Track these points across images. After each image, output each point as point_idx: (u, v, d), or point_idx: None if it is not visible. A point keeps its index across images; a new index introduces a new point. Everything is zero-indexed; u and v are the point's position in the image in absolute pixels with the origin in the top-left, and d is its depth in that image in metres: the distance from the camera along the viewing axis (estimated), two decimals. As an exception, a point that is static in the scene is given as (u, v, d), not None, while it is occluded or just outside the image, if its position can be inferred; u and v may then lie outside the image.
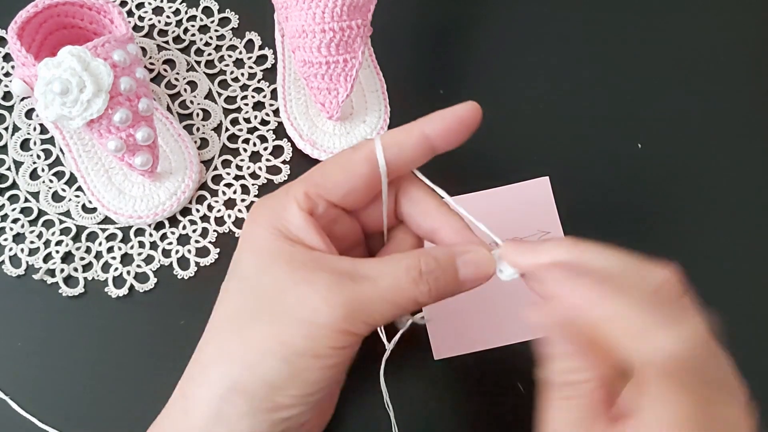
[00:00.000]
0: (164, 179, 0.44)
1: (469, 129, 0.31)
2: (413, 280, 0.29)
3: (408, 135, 0.31)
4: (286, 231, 0.30)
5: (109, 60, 0.39)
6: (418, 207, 0.32)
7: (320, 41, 0.41)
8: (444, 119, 0.31)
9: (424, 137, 0.30)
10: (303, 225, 0.30)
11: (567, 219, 0.44)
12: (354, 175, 0.31)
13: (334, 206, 0.31)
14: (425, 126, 0.31)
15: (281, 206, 0.30)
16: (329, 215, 0.31)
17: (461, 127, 0.31)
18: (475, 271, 0.30)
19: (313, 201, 0.30)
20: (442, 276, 0.29)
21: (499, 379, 0.41)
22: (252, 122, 0.47)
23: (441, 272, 0.29)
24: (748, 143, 0.47)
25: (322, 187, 0.31)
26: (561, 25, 0.50)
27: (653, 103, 0.49)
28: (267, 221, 0.30)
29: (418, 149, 0.31)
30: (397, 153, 0.30)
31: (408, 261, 0.29)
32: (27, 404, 0.41)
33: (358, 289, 0.28)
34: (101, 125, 0.40)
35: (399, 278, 0.29)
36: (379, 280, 0.29)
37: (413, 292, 0.29)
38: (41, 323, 0.42)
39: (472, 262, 0.30)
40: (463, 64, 0.49)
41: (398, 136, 0.31)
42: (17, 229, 0.44)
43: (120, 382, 0.41)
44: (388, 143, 0.30)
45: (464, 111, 0.31)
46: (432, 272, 0.29)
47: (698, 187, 0.46)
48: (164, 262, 0.44)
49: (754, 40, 0.51)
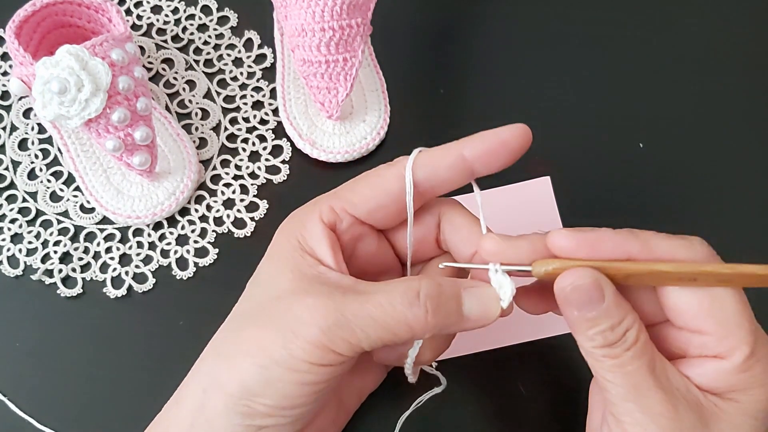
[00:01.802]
0: (163, 179, 0.44)
1: (513, 153, 0.29)
2: (408, 301, 0.27)
3: (444, 155, 0.29)
4: (304, 241, 0.29)
5: (107, 59, 0.39)
6: (461, 233, 0.31)
7: (320, 40, 0.41)
8: (485, 141, 0.29)
9: (462, 159, 0.29)
10: (319, 238, 0.29)
11: (568, 219, 0.44)
12: (382, 191, 0.30)
13: (362, 223, 0.30)
14: (464, 147, 0.29)
15: (306, 216, 0.30)
16: (354, 232, 0.30)
17: (504, 151, 0.29)
18: (480, 309, 0.29)
19: (336, 215, 0.30)
20: (442, 304, 0.28)
21: (499, 379, 0.41)
22: (251, 122, 0.47)
23: (442, 299, 0.28)
24: (750, 143, 0.47)
25: (348, 202, 0.30)
26: (561, 25, 0.50)
27: (655, 102, 0.48)
28: (290, 230, 0.30)
29: (454, 170, 0.29)
30: (430, 172, 0.29)
31: (408, 283, 0.28)
32: (25, 405, 0.41)
33: (346, 305, 0.27)
34: (99, 125, 0.39)
35: (392, 298, 0.27)
36: (372, 296, 0.27)
37: (405, 315, 0.27)
38: (39, 324, 0.42)
39: (480, 298, 0.29)
40: (464, 63, 0.49)
41: (435, 154, 0.29)
42: (15, 229, 0.44)
43: (118, 383, 0.41)
44: (422, 162, 0.29)
45: (509, 134, 0.29)
46: (432, 297, 0.27)
47: (700, 186, 0.46)
48: (163, 263, 0.44)
49: (755, 39, 0.50)
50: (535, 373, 0.41)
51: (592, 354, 0.28)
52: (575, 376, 0.41)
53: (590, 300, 0.27)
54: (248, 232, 0.45)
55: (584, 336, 0.27)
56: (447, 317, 0.28)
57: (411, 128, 0.47)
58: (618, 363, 0.27)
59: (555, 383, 0.41)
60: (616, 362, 0.27)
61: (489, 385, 0.41)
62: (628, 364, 0.27)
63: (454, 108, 0.48)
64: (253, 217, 0.45)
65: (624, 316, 0.27)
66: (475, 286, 0.29)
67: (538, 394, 0.41)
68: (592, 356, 0.28)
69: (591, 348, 0.27)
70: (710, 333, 0.27)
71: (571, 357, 0.41)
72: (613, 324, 0.27)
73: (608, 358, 0.27)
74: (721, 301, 0.27)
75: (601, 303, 0.27)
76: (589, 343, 0.27)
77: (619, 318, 0.27)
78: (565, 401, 0.40)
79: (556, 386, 0.41)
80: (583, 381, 0.35)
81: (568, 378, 0.41)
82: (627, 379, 0.27)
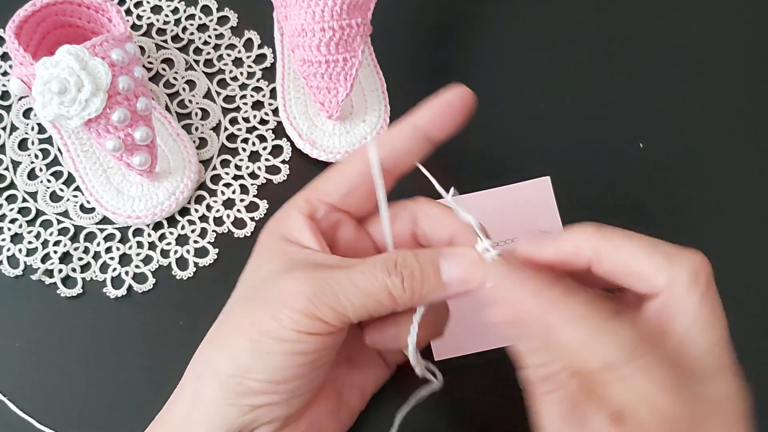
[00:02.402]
0: (163, 179, 0.44)
1: (461, 113, 0.31)
2: (387, 269, 0.28)
3: (399, 129, 0.31)
4: (287, 234, 0.31)
5: (107, 59, 0.39)
6: (436, 221, 0.32)
7: (320, 40, 0.41)
8: (433, 107, 0.31)
9: (415, 128, 0.31)
10: (300, 227, 0.31)
11: (568, 219, 0.44)
12: (350, 174, 0.31)
13: (337, 210, 0.32)
14: (415, 117, 0.31)
15: (284, 214, 0.32)
16: (331, 219, 0.32)
17: (453, 112, 0.31)
18: (459, 271, 0.29)
19: (312, 205, 0.31)
20: (419, 271, 0.29)
21: (499, 379, 0.41)
22: (251, 122, 0.47)
23: (418, 267, 0.29)
24: (750, 143, 0.47)
25: (321, 191, 0.32)
26: (562, 24, 0.50)
27: (655, 102, 0.48)
28: (271, 229, 0.32)
29: (411, 141, 0.31)
30: (390, 148, 0.31)
31: (389, 254, 0.30)
32: (25, 405, 0.41)
33: (330, 273, 0.28)
34: (99, 125, 0.39)
35: (374, 266, 0.29)
36: (356, 266, 0.29)
37: (385, 282, 0.28)
38: (39, 324, 0.42)
39: (458, 262, 0.29)
40: (464, 63, 0.49)
41: (391, 131, 0.32)
42: (15, 229, 0.44)
43: (118, 383, 0.41)
44: (381, 141, 0.31)
45: (453, 96, 0.31)
46: (407, 265, 0.29)
47: (701, 186, 0.46)
48: (163, 263, 0.44)
49: (755, 39, 0.50)
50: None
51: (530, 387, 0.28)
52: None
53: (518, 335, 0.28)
54: (248, 232, 0.45)
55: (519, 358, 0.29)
56: (425, 283, 0.29)
57: (411, 128, 0.47)
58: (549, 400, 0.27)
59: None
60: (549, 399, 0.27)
61: (489, 385, 0.41)
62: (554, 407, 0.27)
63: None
64: (253, 217, 0.45)
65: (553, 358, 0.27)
66: (453, 253, 0.29)
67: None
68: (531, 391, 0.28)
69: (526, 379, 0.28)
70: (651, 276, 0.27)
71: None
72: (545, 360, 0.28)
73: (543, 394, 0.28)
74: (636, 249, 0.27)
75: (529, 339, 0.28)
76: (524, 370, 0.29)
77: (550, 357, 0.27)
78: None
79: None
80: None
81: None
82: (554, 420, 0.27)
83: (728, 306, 0.44)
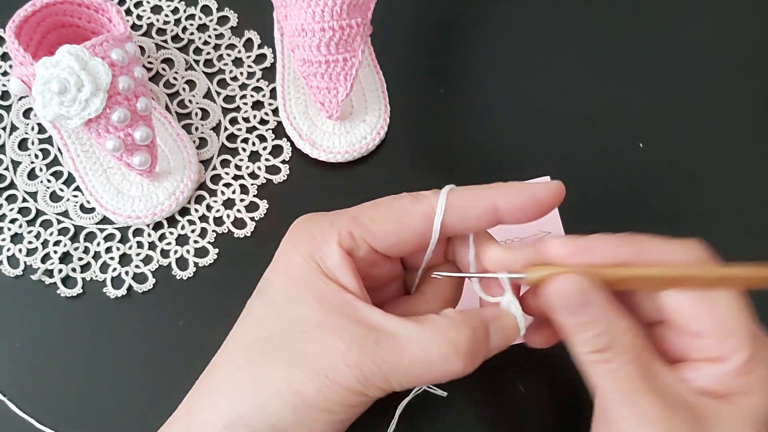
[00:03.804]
0: (163, 179, 0.44)
1: (545, 211, 0.29)
2: (446, 356, 0.27)
3: (477, 202, 0.29)
4: (323, 264, 0.29)
5: (107, 59, 0.39)
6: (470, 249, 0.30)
7: (320, 40, 0.41)
8: (521, 196, 0.29)
9: (494, 209, 0.28)
10: (340, 264, 0.28)
11: (568, 219, 0.44)
12: (407, 229, 0.29)
13: (377, 252, 0.30)
14: (499, 197, 0.28)
15: (322, 237, 0.29)
16: (369, 260, 0.30)
17: (538, 208, 0.29)
18: (502, 340, 0.29)
19: (356, 242, 0.29)
20: (477, 350, 0.28)
21: (499, 379, 0.41)
22: (251, 121, 0.47)
23: (477, 346, 0.27)
24: (750, 143, 0.47)
25: (370, 233, 0.29)
26: (562, 24, 0.50)
27: (655, 102, 0.48)
28: (306, 249, 0.29)
29: (483, 219, 0.29)
30: (458, 218, 0.29)
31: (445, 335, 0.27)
32: (25, 405, 0.41)
33: (381, 356, 0.27)
34: (99, 124, 0.39)
35: (430, 352, 0.27)
36: (407, 350, 0.27)
37: (444, 369, 0.27)
38: (39, 324, 0.42)
39: (503, 330, 0.29)
40: (464, 63, 0.49)
41: (466, 199, 0.29)
42: (15, 229, 0.44)
43: (118, 383, 0.41)
44: (452, 205, 0.28)
45: (545, 192, 0.29)
46: (470, 350, 0.27)
47: (701, 186, 0.46)
48: (163, 263, 0.44)
49: (755, 39, 0.50)
50: (535, 373, 0.41)
51: (584, 359, 0.28)
52: (575, 376, 0.41)
53: (577, 305, 0.27)
54: (248, 232, 0.45)
55: (575, 342, 0.27)
56: (479, 358, 0.28)
57: (411, 128, 0.47)
58: (610, 368, 0.27)
59: (555, 383, 0.41)
60: (608, 368, 0.27)
61: (489, 385, 0.41)
62: (621, 369, 0.27)
63: (454, 108, 0.48)
64: (253, 217, 0.45)
65: (614, 322, 0.27)
66: (497, 318, 0.29)
67: (538, 394, 0.41)
68: (584, 362, 0.28)
69: (582, 354, 0.27)
70: (709, 336, 0.27)
71: (571, 357, 0.41)
72: (601, 330, 0.27)
73: (600, 363, 0.27)
74: (720, 303, 0.27)
75: (588, 308, 0.27)
76: (580, 349, 0.27)
77: (607, 324, 0.27)
78: (565, 401, 0.40)
79: (556, 386, 0.41)
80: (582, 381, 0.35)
81: (568, 378, 0.41)
82: (620, 384, 0.27)
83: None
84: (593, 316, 0.27)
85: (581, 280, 0.27)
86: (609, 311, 0.27)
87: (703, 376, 0.27)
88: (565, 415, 0.40)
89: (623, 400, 0.27)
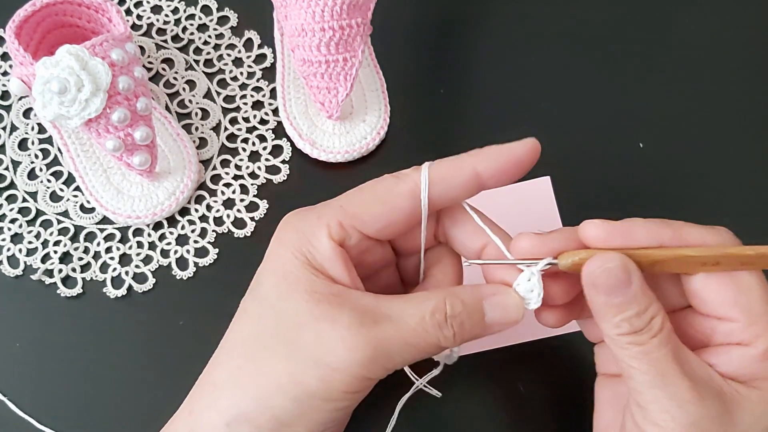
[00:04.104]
0: (163, 179, 0.44)
1: (524, 169, 0.29)
2: (438, 323, 0.27)
3: (458, 171, 0.29)
4: (312, 258, 0.29)
5: (108, 59, 0.39)
6: (465, 228, 0.31)
7: (320, 40, 0.41)
8: (499, 158, 0.29)
9: (476, 176, 0.29)
10: (331, 255, 0.28)
11: (568, 219, 0.44)
12: (394, 209, 0.29)
13: (368, 238, 0.30)
14: (478, 163, 0.29)
15: (311, 231, 0.29)
16: (361, 246, 0.30)
17: (517, 168, 0.29)
18: (502, 315, 0.29)
19: (346, 232, 0.29)
20: (467, 320, 0.28)
21: (499, 379, 0.41)
22: (251, 121, 0.47)
23: (467, 316, 0.28)
24: (750, 143, 0.47)
25: (358, 220, 0.29)
26: (562, 24, 0.50)
27: (655, 102, 0.48)
28: (294, 244, 0.29)
29: (467, 188, 0.29)
30: (443, 190, 0.29)
31: (434, 303, 0.28)
32: (25, 405, 0.41)
33: (380, 333, 0.27)
34: (99, 124, 0.39)
35: (423, 321, 0.27)
36: (402, 322, 0.27)
37: (437, 337, 0.27)
38: (39, 324, 0.42)
39: (500, 306, 0.29)
40: (464, 63, 0.49)
41: (448, 171, 0.29)
42: (15, 229, 0.44)
43: (118, 383, 0.41)
44: (435, 178, 0.29)
45: (522, 151, 0.29)
46: (457, 316, 0.28)
47: (700, 186, 0.46)
48: (163, 263, 0.44)
49: (755, 39, 0.50)
50: (535, 373, 0.41)
51: (617, 342, 0.27)
52: (575, 375, 0.41)
53: (618, 284, 0.27)
54: (248, 232, 0.45)
55: (610, 323, 0.27)
56: (472, 330, 0.28)
57: (411, 128, 0.47)
58: (644, 350, 0.27)
59: (555, 383, 0.41)
60: (642, 349, 0.27)
61: (489, 385, 0.41)
62: (655, 351, 0.27)
63: (454, 108, 0.48)
64: (253, 217, 0.45)
65: (650, 303, 0.27)
66: (495, 294, 0.29)
67: (538, 394, 0.41)
68: (617, 344, 0.28)
69: (617, 335, 0.27)
70: (735, 320, 0.27)
71: (571, 357, 0.41)
72: (640, 310, 0.27)
73: (634, 345, 0.27)
74: (747, 287, 0.28)
75: (628, 288, 0.27)
76: (614, 330, 0.27)
77: (646, 304, 0.27)
78: (565, 401, 0.40)
79: (556, 386, 0.41)
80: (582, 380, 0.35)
81: (568, 378, 0.41)
82: (653, 366, 0.27)
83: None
84: (632, 296, 0.27)
85: (623, 258, 0.27)
86: (646, 293, 0.27)
87: (727, 360, 0.28)
88: (565, 415, 0.40)
89: (656, 382, 0.27)
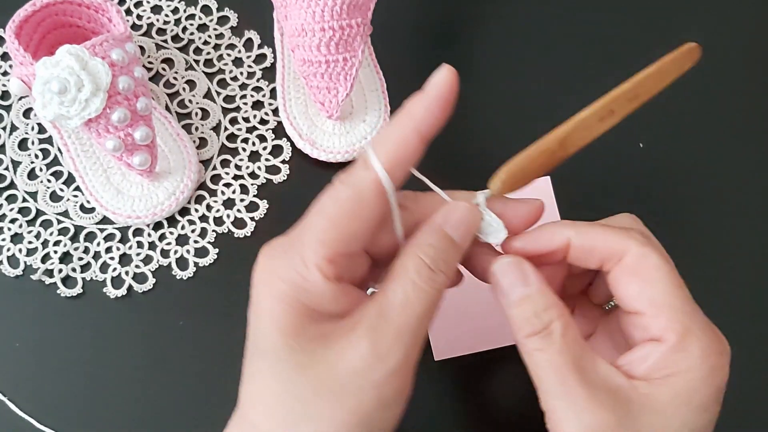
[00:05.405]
0: (163, 179, 0.44)
1: (451, 103, 0.28)
2: (428, 278, 0.27)
3: (406, 141, 0.27)
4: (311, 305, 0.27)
5: (108, 59, 0.39)
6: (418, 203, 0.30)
7: (320, 40, 0.41)
8: (424, 104, 0.28)
9: (419, 135, 0.27)
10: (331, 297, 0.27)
11: (568, 219, 0.44)
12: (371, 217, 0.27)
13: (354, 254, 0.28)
14: (417, 124, 0.27)
15: (303, 281, 0.27)
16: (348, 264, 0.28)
17: (445, 104, 0.28)
18: (465, 229, 0.28)
19: (338, 265, 0.27)
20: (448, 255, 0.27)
21: (499, 379, 0.41)
22: (251, 121, 0.47)
23: (443, 253, 0.27)
24: (750, 143, 0.47)
25: (345, 245, 0.27)
26: (562, 24, 0.50)
27: (655, 102, 0.48)
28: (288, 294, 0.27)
29: (418, 152, 0.28)
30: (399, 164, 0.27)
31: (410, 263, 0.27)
32: (25, 405, 0.41)
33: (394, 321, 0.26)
34: (99, 124, 0.39)
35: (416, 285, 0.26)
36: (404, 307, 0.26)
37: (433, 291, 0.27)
38: (39, 324, 0.42)
39: (459, 222, 0.28)
40: (464, 63, 0.49)
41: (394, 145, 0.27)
42: (15, 229, 0.44)
43: (118, 383, 0.41)
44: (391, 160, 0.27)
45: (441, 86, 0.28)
46: (437, 259, 0.27)
47: (701, 185, 0.46)
48: (163, 263, 0.44)
49: (755, 39, 0.50)
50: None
51: (524, 346, 0.28)
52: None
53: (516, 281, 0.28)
54: (248, 232, 0.45)
55: (516, 326, 0.28)
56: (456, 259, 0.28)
57: (411, 128, 0.47)
58: (546, 358, 0.27)
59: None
60: (545, 357, 0.27)
61: (488, 385, 0.41)
62: (556, 359, 0.27)
63: (454, 108, 0.48)
64: (253, 217, 0.45)
65: (549, 305, 0.28)
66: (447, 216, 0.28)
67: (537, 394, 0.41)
68: (525, 349, 0.28)
69: (522, 339, 0.28)
70: (645, 312, 0.28)
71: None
72: (538, 309, 0.27)
73: (538, 351, 0.27)
74: (653, 279, 0.28)
75: (526, 286, 0.28)
76: (519, 334, 0.28)
77: (544, 304, 0.27)
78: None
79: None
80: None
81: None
82: (555, 374, 0.27)
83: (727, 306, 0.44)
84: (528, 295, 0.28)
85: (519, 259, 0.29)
86: (545, 294, 0.28)
87: (642, 357, 0.28)
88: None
89: (556, 391, 0.27)
